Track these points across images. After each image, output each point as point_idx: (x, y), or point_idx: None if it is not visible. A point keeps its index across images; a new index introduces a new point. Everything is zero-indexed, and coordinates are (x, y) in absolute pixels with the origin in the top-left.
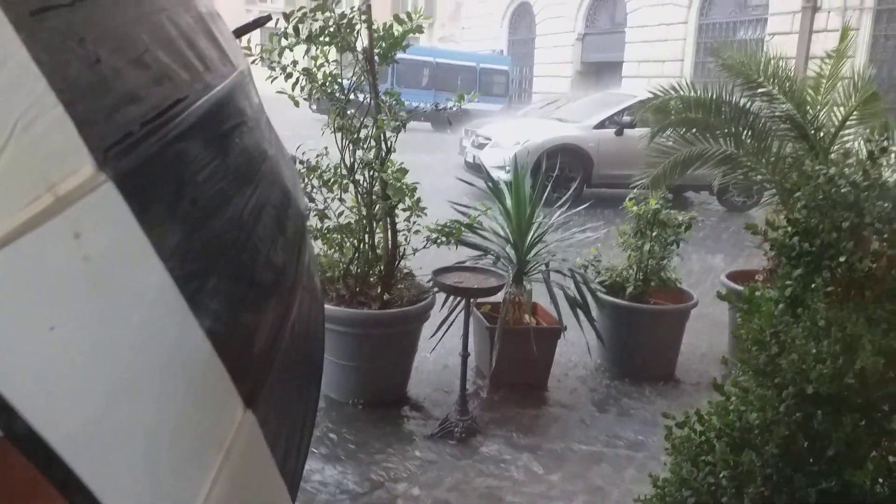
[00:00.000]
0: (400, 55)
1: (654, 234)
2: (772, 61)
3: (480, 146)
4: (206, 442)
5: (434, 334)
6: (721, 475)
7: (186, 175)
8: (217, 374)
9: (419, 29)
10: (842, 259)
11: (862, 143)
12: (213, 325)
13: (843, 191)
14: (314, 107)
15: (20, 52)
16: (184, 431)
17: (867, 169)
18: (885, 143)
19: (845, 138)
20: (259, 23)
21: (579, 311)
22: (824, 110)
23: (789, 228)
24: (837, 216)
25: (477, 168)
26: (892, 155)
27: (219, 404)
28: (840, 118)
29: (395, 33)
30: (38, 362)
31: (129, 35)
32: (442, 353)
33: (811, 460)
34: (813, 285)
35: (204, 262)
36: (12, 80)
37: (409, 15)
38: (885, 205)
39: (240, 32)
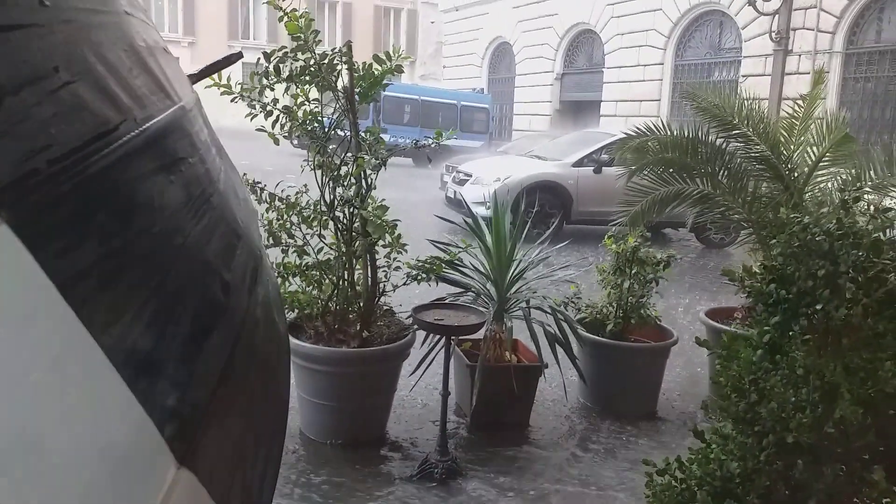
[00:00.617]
0: (385, 93)
1: (633, 271)
2: (745, 103)
3: (461, 182)
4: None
5: (413, 372)
6: None
7: (103, 217)
8: (143, 430)
9: (399, 69)
10: (818, 307)
11: (835, 184)
12: (136, 378)
13: (817, 239)
14: (295, 142)
15: None
16: (101, 496)
17: (841, 217)
18: (857, 193)
19: (819, 178)
20: (230, 60)
21: (560, 349)
22: (798, 151)
23: (766, 275)
24: (813, 264)
25: (458, 203)
26: (863, 203)
27: (145, 464)
28: (814, 159)
29: (375, 73)
30: None
31: (43, 68)
32: (422, 390)
33: None
34: (791, 332)
35: (122, 312)
36: None
37: (388, 55)
38: (860, 253)
39: (211, 70)
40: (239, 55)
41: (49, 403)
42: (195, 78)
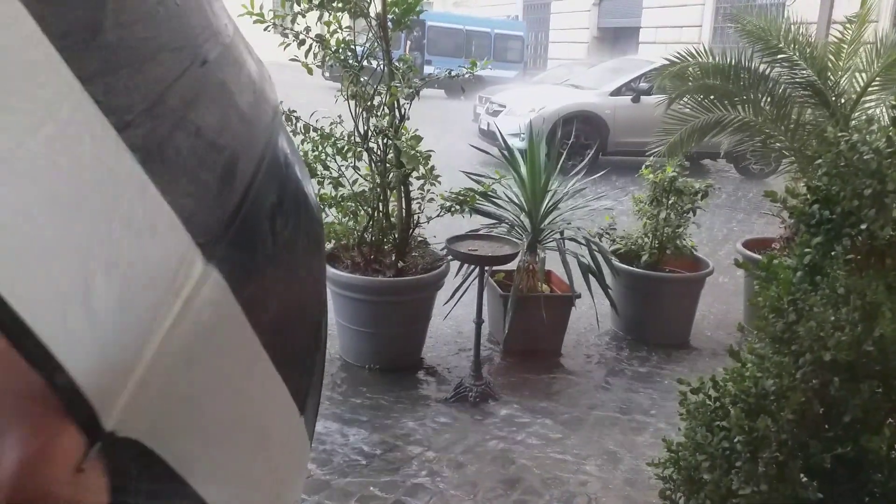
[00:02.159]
0: (432, 22)
1: (670, 201)
2: (792, 27)
3: (495, 113)
4: (155, 284)
5: (448, 301)
6: (736, 440)
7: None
8: (164, 215)
9: None
10: (863, 227)
11: (885, 109)
12: (163, 173)
13: (865, 158)
14: (326, 74)
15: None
16: (128, 246)
17: (890, 136)
18: None
19: (867, 105)
20: None
21: (593, 279)
22: (846, 76)
23: (809, 196)
24: (859, 183)
25: (491, 135)
26: None
27: (169, 248)
28: (862, 84)
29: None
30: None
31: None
32: (456, 319)
33: (827, 426)
34: (833, 253)
35: (142, 105)
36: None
37: None
38: None
39: None
40: None
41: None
42: None
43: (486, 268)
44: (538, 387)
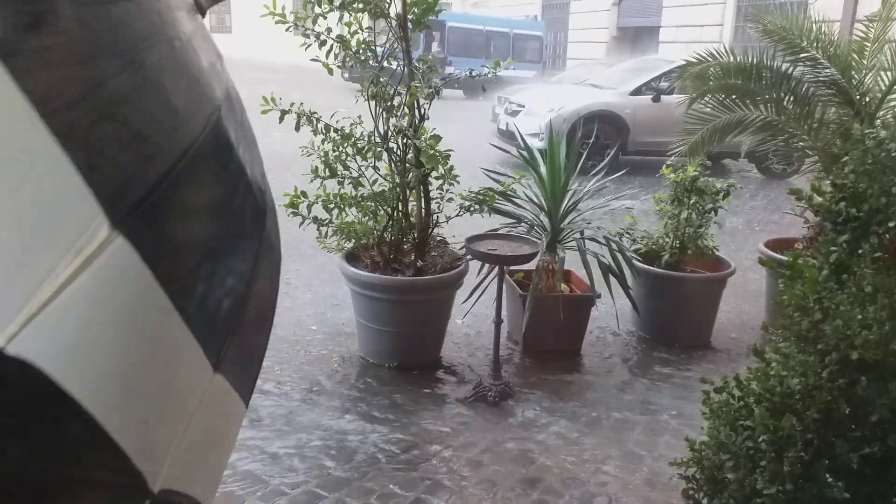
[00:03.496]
0: (453, 23)
1: (691, 201)
2: (815, 25)
3: (514, 113)
4: (172, 408)
5: (466, 300)
6: (760, 440)
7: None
8: (188, 342)
9: None
10: (891, 224)
11: None
12: (180, 294)
13: (893, 155)
14: (346, 75)
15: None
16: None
17: None
18: None
19: (893, 103)
20: None
21: (613, 279)
22: (870, 75)
23: (835, 194)
24: (887, 181)
25: (510, 135)
26: None
27: (187, 369)
28: (887, 83)
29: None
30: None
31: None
32: (475, 319)
33: (853, 426)
34: (860, 251)
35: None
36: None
37: None
38: None
39: None
40: None
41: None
42: None
43: (505, 267)
44: (557, 387)
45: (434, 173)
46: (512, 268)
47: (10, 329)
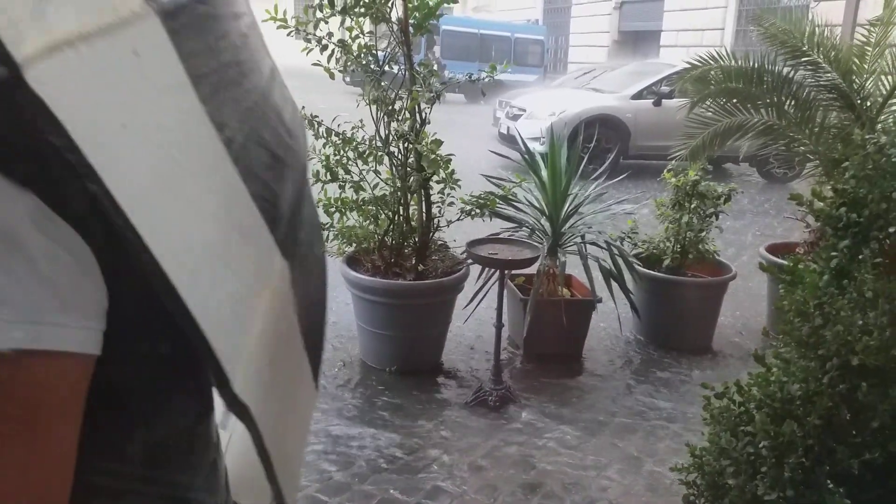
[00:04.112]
0: (448, 26)
1: (692, 205)
2: (817, 29)
3: (515, 117)
4: (258, 277)
5: (468, 305)
6: (761, 445)
7: (213, 28)
8: (256, 218)
9: None
10: (891, 230)
11: None
12: (248, 172)
13: (893, 160)
14: (347, 79)
15: None
16: (236, 240)
17: None
18: None
19: (894, 107)
20: None
21: (614, 283)
22: (871, 79)
23: (836, 199)
24: (887, 186)
25: (511, 139)
26: None
27: (258, 238)
28: (888, 87)
29: (430, 2)
30: (116, 156)
31: None
32: (476, 323)
33: (854, 432)
34: (860, 256)
35: (234, 118)
36: None
37: None
38: None
39: None
40: None
41: (200, 170)
42: None
43: (506, 271)
44: (559, 391)
45: (435, 177)
46: (513, 272)
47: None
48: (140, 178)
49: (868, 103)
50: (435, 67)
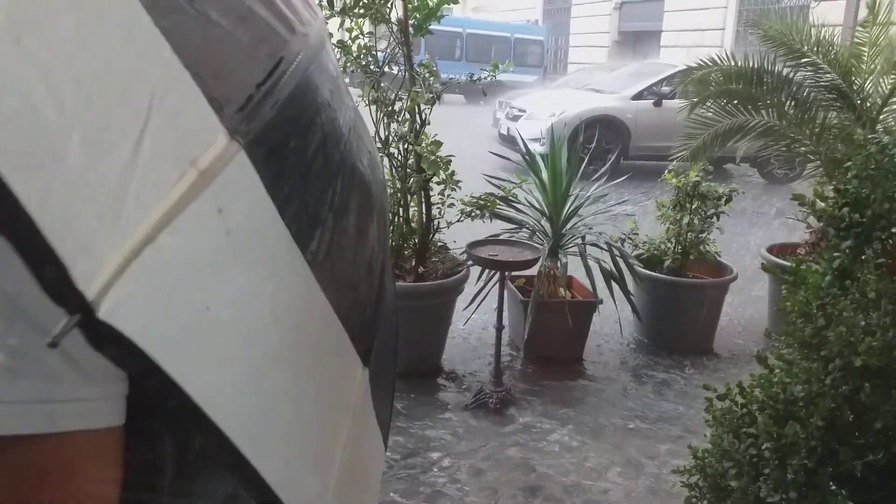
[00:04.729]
0: (433, 26)
1: (693, 206)
2: (814, 30)
3: (515, 118)
4: (338, 404)
5: (468, 306)
6: (764, 447)
7: (297, 136)
8: (339, 335)
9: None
10: (894, 230)
11: None
12: (331, 289)
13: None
14: (347, 80)
15: (142, 17)
16: (321, 396)
17: None
18: None
19: (895, 107)
20: None
21: (615, 285)
22: (870, 79)
23: (839, 199)
24: (890, 186)
25: (511, 140)
26: None
27: (344, 366)
28: (888, 87)
29: (430, 3)
30: (198, 342)
31: None
32: (476, 325)
33: (857, 433)
34: (863, 257)
35: (319, 224)
36: (141, 50)
37: None
38: None
39: None
40: None
41: (278, 319)
42: None
43: (507, 273)
44: (559, 393)
45: (435, 178)
46: (513, 273)
47: (105, 278)
48: (226, 374)
49: (868, 103)
50: (435, 68)
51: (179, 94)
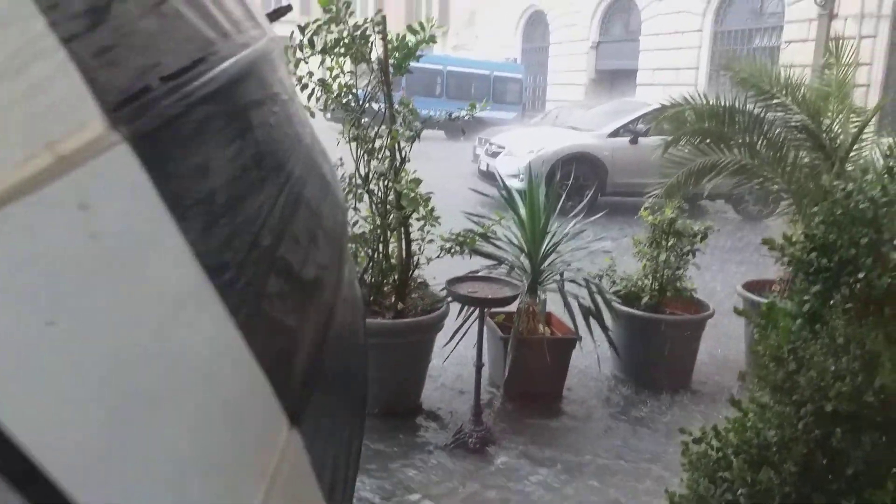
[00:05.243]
0: (413, 64)
1: (669, 243)
2: (783, 71)
3: (494, 154)
4: (246, 470)
5: (447, 343)
6: (739, 492)
7: (213, 145)
8: (258, 385)
9: (432, 39)
10: (860, 275)
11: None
12: (251, 327)
13: (861, 206)
14: (328, 115)
15: None
16: (219, 457)
17: (886, 184)
18: None
19: (864, 145)
20: (279, 13)
21: (594, 321)
22: (838, 119)
23: (806, 244)
24: (856, 232)
25: (491, 176)
26: None
27: (260, 423)
28: (856, 127)
29: (409, 43)
30: (33, 368)
31: None
32: (456, 362)
33: (830, 479)
34: (831, 302)
35: (237, 251)
36: (2, 15)
37: (421, 25)
38: None
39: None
40: (289, 7)
41: (166, 350)
42: None
43: (486, 310)
44: (539, 432)
45: (415, 214)
46: (493, 310)
47: None
48: (67, 413)
49: (837, 143)
50: (413, 107)
51: (47, 69)
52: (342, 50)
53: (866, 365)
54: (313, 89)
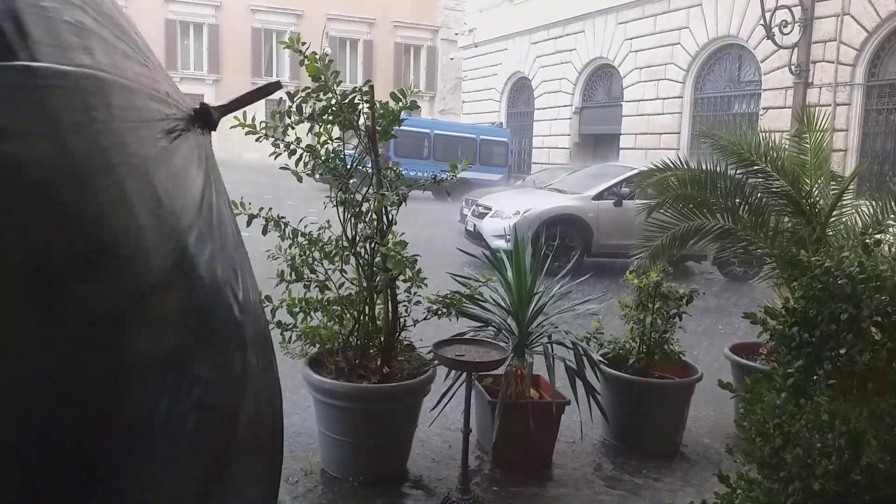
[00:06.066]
0: (402, 128)
1: (655, 306)
2: (763, 138)
3: (481, 215)
4: None
5: (434, 407)
6: None
7: None
8: None
9: (414, 105)
10: (842, 351)
11: (858, 218)
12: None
13: (839, 282)
14: (317, 176)
15: None
16: None
17: (863, 261)
18: (879, 236)
19: (844, 210)
20: (268, 90)
21: (581, 385)
22: (817, 185)
23: (788, 318)
24: (836, 307)
25: (477, 236)
26: (885, 244)
27: None
28: (833, 193)
29: (393, 110)
30: None
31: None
32: (443, 426)
33: None
34: (815, 376)
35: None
36: None
37: (402, 92)
38: (883, 297)
39: (251, 98)
40: (278, 84)
41: None
42: (235, 105)
43: (474, 373)
44: (528, 501)
45: (402, 276)
46: (480, 373)
47: None
48: None
49: (817, 208)
50: (400, 171)
51: None
52: (330, 117)
53: (852, 442)
54: (301, 154)
